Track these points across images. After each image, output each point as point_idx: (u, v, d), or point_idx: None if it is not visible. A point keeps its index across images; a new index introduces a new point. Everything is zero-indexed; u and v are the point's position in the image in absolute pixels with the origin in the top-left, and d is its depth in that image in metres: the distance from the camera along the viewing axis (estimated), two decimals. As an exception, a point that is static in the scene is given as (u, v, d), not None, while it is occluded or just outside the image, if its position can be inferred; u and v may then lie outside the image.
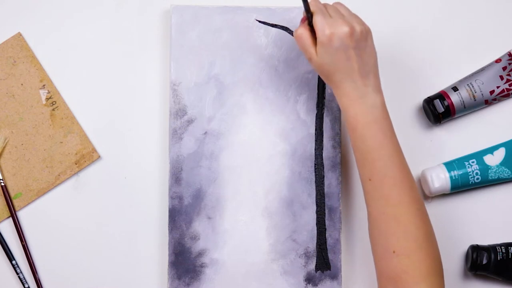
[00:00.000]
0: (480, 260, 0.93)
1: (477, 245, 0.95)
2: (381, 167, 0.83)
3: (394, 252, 0.81)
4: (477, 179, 0.95)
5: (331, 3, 0.94)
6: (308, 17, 0.85)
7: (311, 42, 0.85)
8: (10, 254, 0.95)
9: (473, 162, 0.95)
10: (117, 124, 0.98)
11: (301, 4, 0.95)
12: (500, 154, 0.96)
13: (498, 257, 0.93)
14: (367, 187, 0.84)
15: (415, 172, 0.97)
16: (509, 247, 0.94)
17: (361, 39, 0.83)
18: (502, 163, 0.95)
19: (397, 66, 0.99)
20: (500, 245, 0.94)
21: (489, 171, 0.95)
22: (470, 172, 0.95)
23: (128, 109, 0.98)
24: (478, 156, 0.96)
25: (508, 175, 0.95)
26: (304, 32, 0.84)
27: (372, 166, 0.83)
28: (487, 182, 0.96)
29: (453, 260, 0.97)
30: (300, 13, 0.97)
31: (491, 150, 0.96)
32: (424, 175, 0.95)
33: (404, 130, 0.98)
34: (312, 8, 0.85)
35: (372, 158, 0.83)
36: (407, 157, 0.93)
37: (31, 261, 0.95)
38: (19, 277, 0.95)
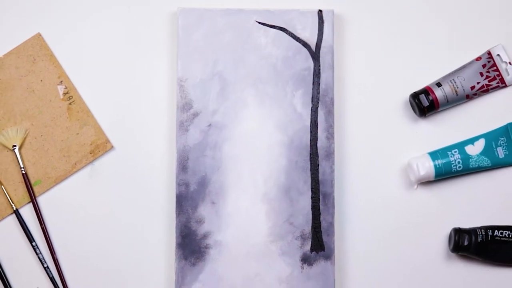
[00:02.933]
0: (461, 242, 0.93)
1: (459, 228, 0.95)
2: None
3: None
4: (459, 167, 0.95)
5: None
6: None
7: None
8: (30, 236, 0.95)
9: (455, 151, 0.95)
10: (128, 117, 0.97)
11: (297, 6, 0.96)
12: (480, 144, 0.96)
13: (478, 239, 0.93)
14: None
15: (402, 161, 0.97)
16: (488, 230, 0.94)
17: None
18: (482, 153, 0.96)
19: (386, 63, 0.99)
20: (480, 228, 0.94)
21: (470, 160, 0.95)
22: (452, 161, 0.95)
23: (138, 103, 0.97)
24: (460, 146, 0.96)
25: (488, 164, 0.96)
26: None
27: None
28: (468, 170, 0.96)
29: (437, 242, 0.96)
30: (298, 15, 0.95)
31: (472, 141, 0.96)
32: (410, 163, 0.95)
33: (392, 123, 0.98)
34: None
35: None
36: (394, 147, 0.97)
37: (49, 242, 0.95)
38: (38, 257, 0.95)
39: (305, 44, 0.96)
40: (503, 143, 0.97)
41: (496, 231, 0.94)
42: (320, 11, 0.96)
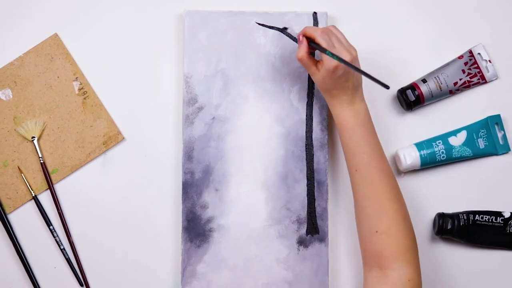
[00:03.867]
0: (445, 225, 0.95)
1: (443, 213, 0.96)
2: (366, 159, 0.85)
3: (377, 231, 0.83)
4: (443, 157, 0.97)
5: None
6: (312, 43, 0.85)
7: (312, 63, 0.86)
8: (48, 220, 0.97)
9: (439, 142, 0.97)
10: (138, 111, 0.98)
11: (294, 8, 0.97)
12: (462, 136, 0.98)
13: (461, 223, 0.95)
14: (355, 177, 0.86)
15: (390, 151, 0.98)
16: (470, 215, 0.96)
17: (356, 63, 0.86)
18: (464, 144, 0.97)
19: (376, 62, 1.00)
20: (462, 213, 0.96)
21: (453, 150, 0.97)
22: (437, 151, 0.96)
23: (148, 98, 0.98)
24: (444, 137, 0.98)
25: (469, 154, 0.98)
26: (304, 56, 0.86)
27: (359, 159, 0.85)
28: (451, 159, 0.97)
29: (422, 226, 0.98)
30: (294, 17, 0.97)
31: (454, 132, 0.98)
32: (398, 153, 0.97)
33: (382, 116, 0.99)
34: (314, 34, 0.84)
35: (359, 152, 0.85)
36: (384, 139, 0.95)
37: (65, 226, 0.97)
38: (55, 239, 0.97)
39: (301, 44, 0.95)
40: (483, 135, 0.99)
41: (477, 215, 0.96)
42: (314, 13, 0.98)
